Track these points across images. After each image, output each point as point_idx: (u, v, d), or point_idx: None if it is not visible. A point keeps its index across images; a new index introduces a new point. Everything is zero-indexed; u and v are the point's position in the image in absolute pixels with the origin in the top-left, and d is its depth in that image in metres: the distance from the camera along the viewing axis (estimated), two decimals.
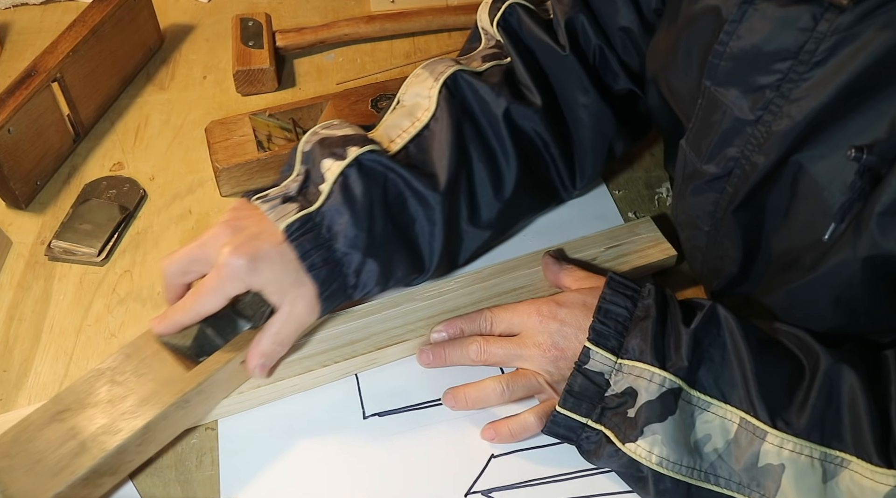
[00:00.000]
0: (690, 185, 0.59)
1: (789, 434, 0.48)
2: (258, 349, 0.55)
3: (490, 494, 0.55)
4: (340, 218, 0.57)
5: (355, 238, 0.57)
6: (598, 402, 0.52)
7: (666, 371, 0.50)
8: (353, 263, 0.57)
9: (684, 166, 0.59)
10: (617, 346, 0.52)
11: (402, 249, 0.60)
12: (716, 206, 0.57)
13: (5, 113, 0.71)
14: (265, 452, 0.57)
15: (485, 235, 0.66)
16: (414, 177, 0.59)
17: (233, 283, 0.53)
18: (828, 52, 0.46)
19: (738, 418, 0.49)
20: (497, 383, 0.57)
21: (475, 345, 0.58)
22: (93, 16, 0.83)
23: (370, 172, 0.58)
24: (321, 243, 0.56)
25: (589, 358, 0.52)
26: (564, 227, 0.72)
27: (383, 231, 0.58)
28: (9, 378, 0.62)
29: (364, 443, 0.58)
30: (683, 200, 0.61)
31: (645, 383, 0.51)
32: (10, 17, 1.00)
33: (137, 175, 0.79)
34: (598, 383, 0.52)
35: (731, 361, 0.51)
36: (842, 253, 0.48)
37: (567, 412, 0.52)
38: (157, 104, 0.88)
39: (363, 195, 0.57)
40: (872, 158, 0.44)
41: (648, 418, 0.50)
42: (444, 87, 0.63)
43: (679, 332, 0.52)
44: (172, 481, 0.56)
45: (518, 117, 0.65)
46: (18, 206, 0.76)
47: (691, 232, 0.63)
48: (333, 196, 0.57)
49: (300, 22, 0.99)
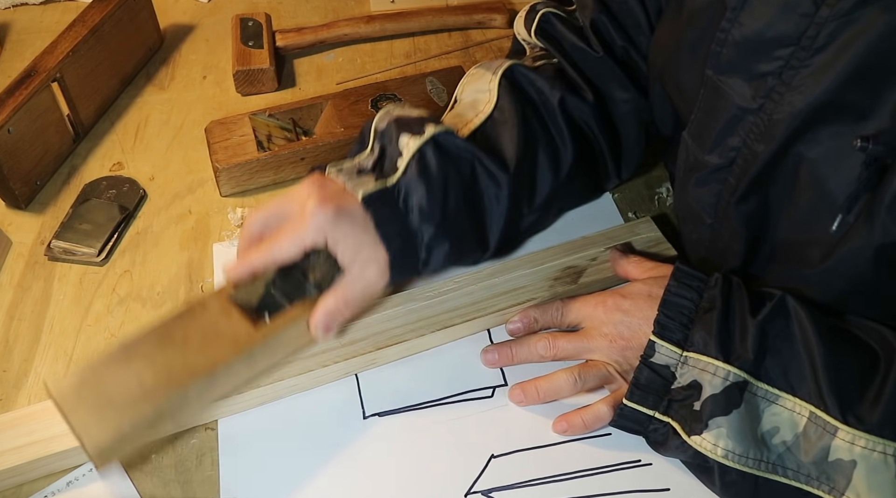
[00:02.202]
0: (693, 178, 0.59)
1: (861, 430, 0.46)
2: (323, 307, 0.56)
3: (490, 494, 0.55)
4: (417, 192, 0.58)
5: (430, 213, 0.58)
6: (664, 394, 0.52)
7: (730, 365, 0.50)
8: (425, 237, 0.59)
9: (686, 158, 0.60)
10: (682, 338, 0.52)
11: (471, 227, 0.62)
12: (718, 198, 0.57)
13: (5, 113, 0.71)
14: (265, 452, 0.57)
15: (534, 219, 0.68)
16: (486, 156, 0.61)
17: (314, 232, 0.55)
18: (829, 37, 0.46)
19: (808, 412, 0.48)
20: (569, 374, 0.58)
21: (543, 341, 0.59)
22: (92, 16, 0.83)
23: (446, 150, 0.60)
24: (397, 215, 0.58)
25: (654, 351, 0.52)
26: (564, 228, 0.72)
27: (456, 208, 0.60)
28: (8, 378, 0.62)
29: (364, 443, 0.58)
30: (686, 193, 0.61)
31: (709, 377, 0.50)
32: (10, 17, 1.00)
33: (137, 175, 0.79)
34: (665, 376, 0.52)
35: (799, 353, 0.49)
36: (852, 245, 0.48)
37: (634, 405, 0.53)
38: (156, 104, 0.88)
39: (439, 172, 0.59)
40: (879, 148, 0.44)
41: (713, 412, 0.50)
42: (504, 78, 0.66)
43: (745, 323, 0.51)
44: (172, 481, 0.56)
45: (572, 108, 0.67)
46: (18, 207, 0.76)
47: (694, 225, 0.63)
48: (410, 171, 0.59)
49: (300, 22, 0.99)
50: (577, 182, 0.69)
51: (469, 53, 0.95)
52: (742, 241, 0.57)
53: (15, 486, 0.55)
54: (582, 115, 0.67)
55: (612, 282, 0.67)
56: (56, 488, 0.55)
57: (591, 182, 0.73)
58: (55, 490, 0.55)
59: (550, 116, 0.66)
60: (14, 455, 0.54)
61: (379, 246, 0.57)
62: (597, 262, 0.67)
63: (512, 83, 0.66)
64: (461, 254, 0.62)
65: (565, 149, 0.66)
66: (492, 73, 0.66)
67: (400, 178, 0.59)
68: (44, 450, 0.54)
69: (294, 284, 0.58)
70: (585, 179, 0.71)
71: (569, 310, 0.61)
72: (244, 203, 0.76)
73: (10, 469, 0.54)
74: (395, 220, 0.57)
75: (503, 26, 0.99)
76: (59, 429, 0.55)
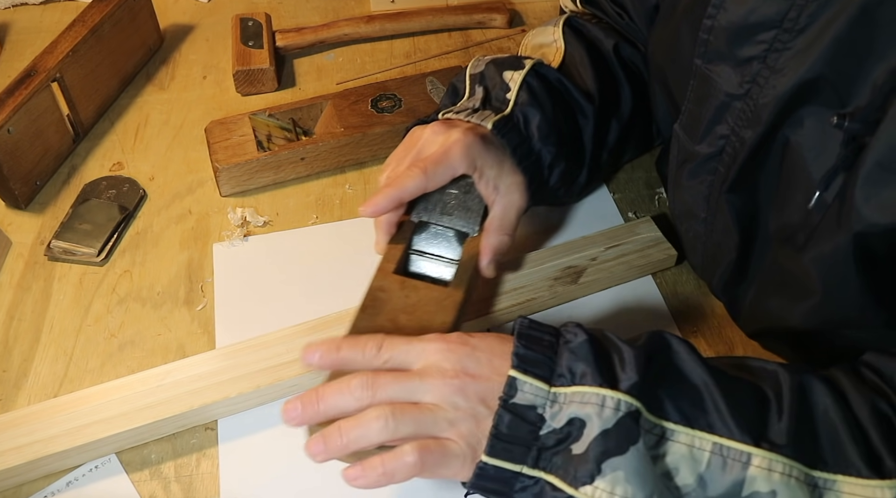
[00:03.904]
0: (685, 171, 0.59)
1: (777, 453, 0.41)
2: (488, 245, 0.58)
3: None
4: (534, 117, 0.62)
5: (548, 135, 0.62)
6: (532, 442, 0.43)
7: (619, 391, 0.42)
8: (547, 158, 0.63)
9: (678, 152, 0.60)
10: (548, 373, 0.44)
11: (577, 152, 0.66)
12: (710, 189, 0.58)
13: (5, 113, 0.71)
14: (265, 452, 0.57)
15: (609, 159, 0.72)
16: (575, 88, 0.66)
17: (462, 159, 0.55)
18: (810, 18, 0.46)
19: (710, 445, 0.42)
20: (380, 413, 0.43)
21: (358, 379, 0.45)
22: (92, 16, 0.83)
23: (547, 80, 0.65)
24: (523, 139, 0.61)
25: (516, 390, 0.43)
26: (564, 227, 0.73)
27: (567, 131, 0.65)
28: (8, 378, 0.62)
29: None
30: (679, 189, 0.61)
31: (595, 409, 0.42)
32: (10, 17, 1.00)
33: (137, 175, 0.79)
34: (530, 420, 0.43)
35: (690, 383, 0.44)
36: (828, 232, 0.47)
37: (496, 462, 0.42)
38: (156, 104, 0.88)
39: (547, 98, 0.64)
40: (856, 125, 0.44)
41: (605, 452, 0.41)
42: (566, 26, 0.72)
43: (621, 349, 0.45)
44: (172, 481, 0.56)
45: (625, 53, 0.71)
46: (18, 207, 0.76)
47: (689, 222, 0.63)
48: (521, 99, 0.63)
49: (300, 22, 0.99)
50: (638, 126, 0.73)
51: (469, 53, 0.95)
52: (736, 233, 0.57)
53: (15, 486, 0.55)
54: (635, 60, 0.72)
55: (611, 282, 0.67)
56: (56, 488, 0.55)
57: (648, 133, 0.76)
58: (55, 490, 0.55)
59: (608, 60, 0.70)
60: (14, 455, 0.54)
61: (516, 170, 0.59)
62: (597, 262, 0.67)
63: (574, 30, 0.72)
64: (574, 178, 0.67)
65: (623, 91, 0.70)
66: (553, 26, 0.72)
67: (514, 106, 0.63)
68: (44, 450, 0.54)
69: (443, 239, 0.59)
70: (643, 125, 0.74)
71: (390, 347, 0.47)
72: (244, 203, 0.76)
73: (10, 469, 0.54)
74: (522, 142, 0.61)
75: (503, 26, 0.99)
76: (59, 429, 0.55)
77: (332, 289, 0.68)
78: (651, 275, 0.69)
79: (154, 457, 0.57)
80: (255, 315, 0.66)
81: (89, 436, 0.55)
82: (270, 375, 0.59)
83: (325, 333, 0.62)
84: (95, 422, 0.56)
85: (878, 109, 0.43)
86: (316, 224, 0.74)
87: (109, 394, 0.57)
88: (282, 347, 0.60)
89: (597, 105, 0.67)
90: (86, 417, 0.56)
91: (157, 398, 0.57)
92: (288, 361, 0.60)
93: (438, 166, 0.55)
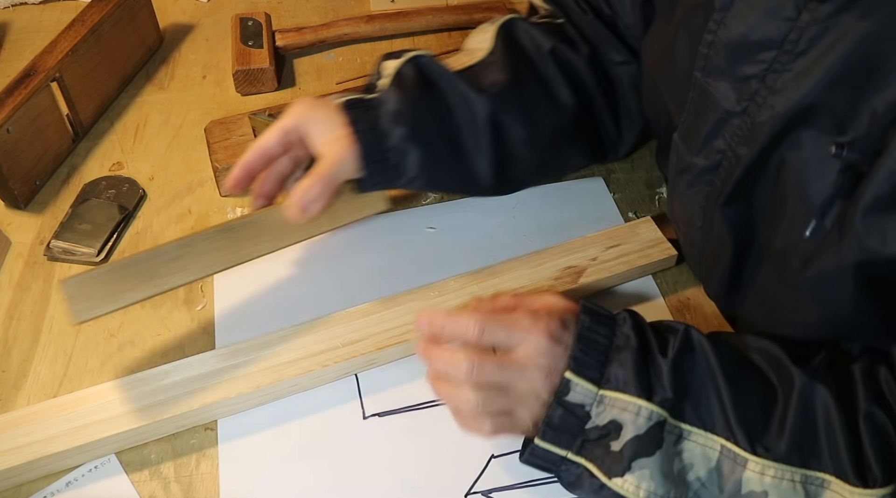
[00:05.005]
0: (683, 180, 0.59)
1: (770, 460, 0.47)
2: (299, 185, 0.60)
3: (490, 495, 0.55)
4: (391, 99, 0.62)
5: (399, 116, 0.62)
6: (578, 434, 0.50)
7: (653, 404, 0.48)
8: (395, 138, 0.62)
9: (677, 161, 0.60)
10: (598, 376, 0.49)
11: (449, 149, 0.64)
12: (706, 201, 0.58)
13: (4, 113, 0.71)
14: (265, 452, 0.57)
15: (540, 160, 0.70)
16: (462, 81, 0.64)
17: (291, 116, 0.62)
18: (810, 41, 0.46)
19: (720, 446, 0.48)
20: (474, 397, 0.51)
21: (468, 362, 0.51)
22: (92, 15, 0.83)
23: (424, 71, 0.65)
24: (370, 117, 0.62)
25: (569, 389, 0.49)
26: (564, 228, 0.72)
27: (429, 121, 0.63)
28: (8, 378, 0.62)
29: (364, 443, 0.58)
30: (677, 196, 0.61)
31: (631, 417, 0.48)
32: (10, 16, 1.00)
33: (137, 175, 0.79)
34: (579, 415, 0.49)
35: (708, 388, 0.49)
36: (827, 256, 0.48)
37: (547, 445, 0.50)
38: (156, 104, 0.88)
39: (414, 85, 0.63)
40: (854, 155, 0.44)
41: (636, 453, 0.48)
42: (501, 29, 0.69)
43: (658, 361, 0.50)
44: (172, 481, 0.56)
45: (563, 56, 0.69)
46: (17, 206, 0.75)
47: (687, 230, 0.63)
48: (388, 85, 0.64)
49: (300, 22, 0.99)
50: (581, 132, 0.71)
51: None
52: (729, 248, 0.57)
53: (15, 486, 0.55)
54: (574, 65, 0.69)
55: (611, 282, 0.67)
56: (56, 488, 0.55)
57: (595, 141, 0.73)
58: (55, 490, 0.55)
59: (543, 63, 0.68)
60: (14, 455, 0.54)
61: (351, 139, 0.60)
62: (597, 262, 0.67)
63: (508, 33, 0.69)
64: (437, 171, 0.64)
65: (561, 92, 0.68)
66: (491, 25, 0.70)
67: (378, 92, 0.64)
68: (44, 450, 0.54)
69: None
70: (589, 135, 0.72)
71: (492, 331, 0.52)
72: (244, 203, 0.76)
73: (10, 469, 0.54)
74: (366, 118, 0.61)
75: None
76: (59, 429, 0.55)
77: (332, 289, 0.68)
78: (651, 275, 0.69)
79: (154, 457, 0.57)
80: (255, 315, 0.66)
81: (89, 436, 0.55)
82: (270, 375, 0.59)
83: (325, 332, 0.62)
84: (95, 422, 0.56)
85: (878, 140, 0.43)
86: None
87: (109, 394, 0.57)
88: (282, 347, 0.60)
89: (491, 99, 0.64)
90: (86, 417, 0.56)
91: (157, 398, 0.57)
92: (288, 360, 0.60)
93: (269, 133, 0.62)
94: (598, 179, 0.78)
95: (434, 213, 0.74)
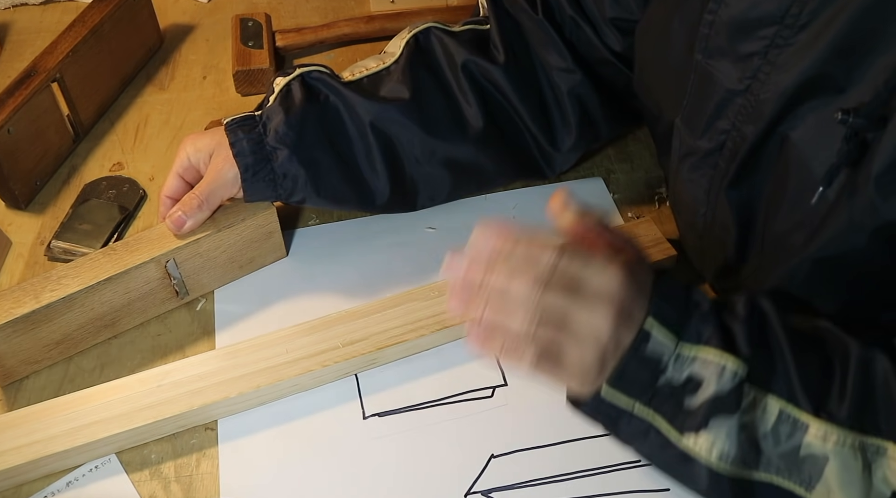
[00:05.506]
0: (686, 165, 0.59)
1: (833, 424, 0.45)
2: (178, 204, 0.62)
3: (490, 494, 0.55)
4: (275, 118, 0.63)
5: (285, 135, 0.62)
6: (649, 386, 0.47)
7: (739, 361, 0.46)
8: (280, 157, 0.63)
9: (679, 146, 0.60)
10: (678, 328, 0.47)
11: (336, 164, 0.65)
12: (711, 184, 0.58)
13: (5, 113, 0.71)
14: (265, 452, 0.57)
15: (444, 176, 0.69)
16: (353, 94, 0.65)
17: (180, 158, 0.64)
18: (811, 14, 0.46)
19: (778, 409, 0.46)
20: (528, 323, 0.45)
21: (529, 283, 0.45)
22: (92, 16, 0.83)
23: (312, 87, 0.66)
24: (254, 137, 0.63)
25: (649, 338, 0.46)
26: None
27: (315, 138, 0.64)
28: None
29: (364, 443, 0.58)
30: (680, 183, 0.61)
31: (713, 374, 0.46)
32: (10, 17, 1.00)
33: (137, 175, 0.79)
34: (654, 367, 0.46)
35: (774, 354, 0.47)
36: (834, 227, 0.48)
37: (614, 392, 0.46)
38: (156, 104, 0.88)
39: (301, 103, 0.64)
40: (860, 121, 0.44)
41: (716, 411, 0.45)
42: (414, 38, 0.69)
43: (732, 322, 0.48)
44: (172, 481, 0.56)
45: (476, 70, 0.68)
46: (18, 207, 0.76)
47: (689, 217, 0.63)
48: (274, 102, 0.64)
49: (300, 22, 0.99)
50: (494, 150, 0.69)
51: None
52: (734, 230, 0.57)
53: (15, 486, 0.55)
54: (488, 77, 0.68)
55: None
56: (56, 488, 0.55)
57: (519, 155, 0.71)
58: (55, 490, 0.55)
59: (455, 79, 0.68)
60: (14, 455, 0.54)
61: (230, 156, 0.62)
62: None
63: (421, 44, 0.69)
64: (323, 187, 0.64)
65: (469, 109, 0.67)
66: (408, 31, 0.70)
67: (264, 109, 0.65)
68: (44, 450, 0.54)
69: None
70: (507, 150, 0.70)
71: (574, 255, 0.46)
72: None
73: (10, 469, 0.54)
74: (250, 138, 0.62)
75: None
76: (59, 429, 0.55)
77: (333, 289, 0.68)
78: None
79: (154, 457, 0.57)
80: (255, 315, 0.66)
81: (89, 436, 0.55)
82: (270, 375, 0.59)
83: (325, 332, 0.62)
84: (95, 422, 0.56)
85: (884, 105, 0.43)
86: (316, 224, 0.74)
87: (109, 394, 0.57)
88: (282, 347, 0.60)
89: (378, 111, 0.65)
90: (86, 417, 0.56)
91: (157, 398, 0.57)
92: (288, 360, 0.60)
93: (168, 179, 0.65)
94: (598, 179, 0.78)
95: (434, 214, 0.74)
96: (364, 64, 0.69)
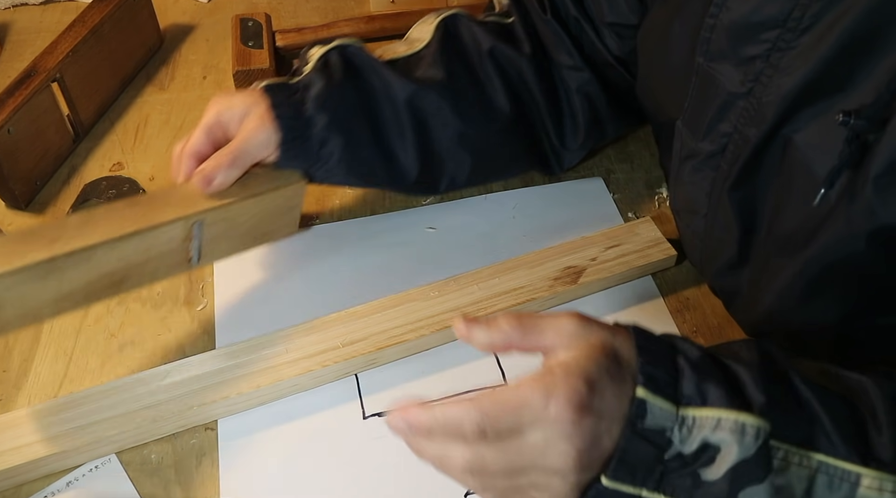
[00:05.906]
0: (688, 166, 0.59)
1: (885, 472, 0.39)
2: (208, 160, 0.59)
3: None
4: (315, 85, 0.62)
5: (325, 102, 0.61)
6: (655, 465, 0.39)
7: (757, 417, 0.39)
8: (319, 123, 0.61)
9: (681, 148, 0.60)
10: (674, 392, 0.39)
11: (371, 138, 0.64)
12: (712, 186, 0.58)
13: (5, 113, 0.71)
14: (265, 452, 0.57)
15: (467, 160, 0.69)
16: (389, 72, 0.64)
17: (210, 114, 0.61)
18: (814, 17, 0.46)
19: (816, 463, 0.39)
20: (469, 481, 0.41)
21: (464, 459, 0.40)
22: (92, 16, 0.83)
23: (350, 58, 0.65)
24: (292, 101, 0.61)
25: (646, 411, 0.38)
26: (564, 228, 0.72)
27: (354, 109, 0.63)
28: (8, 378, 0.62)
29: (364, 443, 0.58)
30: (681, 185, 0.61)
31: (733, 436, 0.38)
32: (10, 17, 1.00)
33: (137, 175, 0.79)
34: (658, 443, 0.39)
35: (795, 398, 0.41)
36: (833, 229, 0.47)
37: (616, 485, 0.39)
38: (156, 104, 0.88)
39: (339, 72, 0.63)
40: (861, 123, 0.43)
41: (745, 481, 0.38)
42: (443, 23, 0.68)
43: (737, 369, 0.42)
44: (172, 482, 0.56)
45: (502, 57, 0.68)
46: (18, 207, 0.76)
47: (689, 218, 0.63)
48: (313, 70, 0.63)
49: (300, 22, 0.99)
50: (516, 138, 0.70)
51: None
52: (735, 232, 0.57)
53: (15, 486, 0.55)
54: (514, 66, 0.68)
55: (611, 282, 0.67)
56: (56, 488, 0.55)
57: (533, 147, 0.72)
58: (55, 490, 0.55)
59: (481, 63, 0.68)
60: (14, 455, 0.54)
61: (267, 117, 0.60)
62: (597, 262, 0.67)
63: (449, 28, 0.68)
64: (359, 158, 0.64)
65: (496, 94, 0.67)
66: (435, 17, 0.69)
67: (302, 76, 0.63)
68: (44, 450, 0.54)
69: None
70: (525, 140, 0.71)
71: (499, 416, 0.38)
72: None
73: (10, 469, 0.54)
74: (288, 104, 0.61)
75: None
76: (59, 429, 0.55)
77: (333, 289, 0.68)
78: (651, 275, 0.69)
79: (154, 457, 0.57)
80: (255, 315, 0.66)
81: (89, 436, 0.55)
82: (270, 375, 0.59)
83: (325, 332, 0.62)
84: (95, 422, 0.56)
85: (886, 107, 0.43)
86: (316, 225, 0.74)
87: (110, 394, 0.57)
88: (282, 347, 0.60)
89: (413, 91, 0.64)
90: (86, 417, 0.56)
91: (157, 398, 0.57)
92: (288, 361, 0.60)
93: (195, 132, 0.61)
94: (598, 179, 0.78)
95: (434, 213, 0.74)
96: (392, 48, 0.69)
